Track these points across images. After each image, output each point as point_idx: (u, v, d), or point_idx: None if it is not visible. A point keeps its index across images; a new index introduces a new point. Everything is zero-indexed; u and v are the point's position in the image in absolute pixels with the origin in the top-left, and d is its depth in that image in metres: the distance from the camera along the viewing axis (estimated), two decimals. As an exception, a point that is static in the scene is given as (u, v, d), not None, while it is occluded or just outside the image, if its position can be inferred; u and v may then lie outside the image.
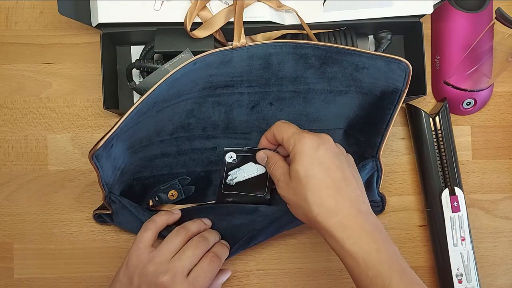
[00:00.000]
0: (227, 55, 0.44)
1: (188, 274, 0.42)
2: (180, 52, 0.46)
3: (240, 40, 0.44)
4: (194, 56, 0.47)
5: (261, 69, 0.46)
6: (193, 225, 0.46)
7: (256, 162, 0.48)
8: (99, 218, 0.50)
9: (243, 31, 0.44)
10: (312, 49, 0.45)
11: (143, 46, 0.51)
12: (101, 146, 0.40)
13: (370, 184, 0.50)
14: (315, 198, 0.39)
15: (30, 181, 0.52)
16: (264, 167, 0.48)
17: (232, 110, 0.48)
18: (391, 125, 0.47)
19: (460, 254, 0.50)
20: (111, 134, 0.40)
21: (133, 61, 0.52)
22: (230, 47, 0.44)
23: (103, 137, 0.40)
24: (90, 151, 0.40)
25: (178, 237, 0.44)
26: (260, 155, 0.47)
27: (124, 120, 0.41)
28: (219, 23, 0.46)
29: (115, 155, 0.44)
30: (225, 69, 0.45)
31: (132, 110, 0.41)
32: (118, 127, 0.41)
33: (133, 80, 0.50)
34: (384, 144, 0.48)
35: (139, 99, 0.42)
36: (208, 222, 0.49)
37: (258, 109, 0.49)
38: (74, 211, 0.52)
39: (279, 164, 0.44)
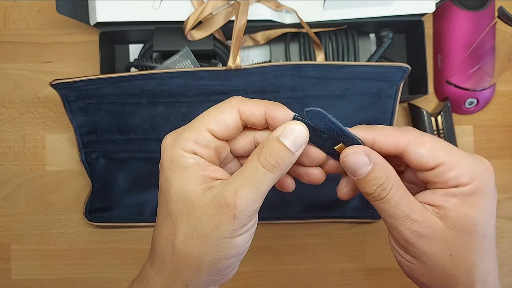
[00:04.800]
0: (221, 73, 0.44)
1: None
2: (179, 51, 0.46)
3: (235, 62, 0.43)
4: (193, 54, 0.46)
5: (257, 81, 0.46)
6: None
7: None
8: (93, 213, 0.50)
9: (239, 55, 0.44)
10: (312, 67, 0.45)
11: (142, 45, 0.50)
12: (65, 83, 0.44)
13: None
14: (484, 274, 0.27)
15: (28, 181, 0.52)
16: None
17: None
18: (395, 120, 0.47)
19: (462, 255, 0.49)
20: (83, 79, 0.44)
21: (131, 60, 0.52)
22: (224, 68, 0.44)
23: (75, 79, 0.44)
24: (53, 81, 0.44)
25: None
26: (357, 158, 0.27)
27: (96, 78, 0.44)
28: (218, 23, 0.46)
29: (97, 120, 0.47)
30: (219, 81, 0.45)
31: (110, 76, 0.44)
32: (90, 78, 0.43)
33: (132, 79, 0.50)
34: None
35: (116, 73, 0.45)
36: None
37: None
38: (72, 212, 0.52)
39: (404, 190, 0.27)
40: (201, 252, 0.26)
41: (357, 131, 0.28)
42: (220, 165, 0.29)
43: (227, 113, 0.27)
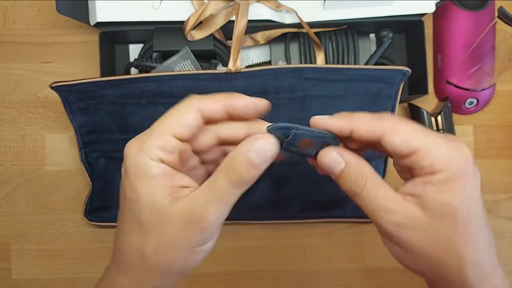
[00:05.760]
0: (221, 76, 0.44)
1: None
2: (179, 51, 0.46)
3: (236, 65, 0.43)
4: (193, 54, 0.46)
5: (258, 83, 0.46)
6: None
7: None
8: (92, 213, 0.50)
9: (239, 58, 0.44)
10: (312, 70, 0.45)
11: (142, 45, 0.50)
12: (66, 85, 0.44)
13: None
14: (473, 255, 0.26)
15: (27, 181, 0.52)
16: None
17: None
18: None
19: (462, 255, 0.49)
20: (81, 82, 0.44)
21: (131, 60, 0.52)
22: (224, 71, 0.44)
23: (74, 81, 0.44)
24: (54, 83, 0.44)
25: None
26: (330, 156, 0.29)
27: (96, 81, 0.44)
28: (218, 23, 0.46)
29: (97, 120, 0.47)
30: (220, 83, 0.45)
31: (109, 79, 0.44)
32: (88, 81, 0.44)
33: (131, 79, 0.50)
34: None
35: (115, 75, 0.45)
36: None
37: None
38: (72, 212, 0.52)
39: (379, 184, 0.27)
40: (171, 260, 0.27)
41: (335, 120, 0.29)
42: (186, 171, 0.29)
43: (189, 114, 0.27)
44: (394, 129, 0.27)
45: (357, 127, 0.28)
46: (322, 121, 0.29)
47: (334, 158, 0.28)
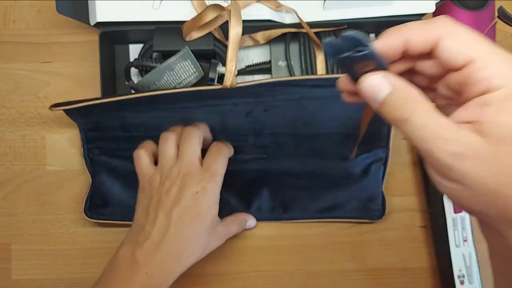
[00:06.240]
0: (218, 90, 0.44)
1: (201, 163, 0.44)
2: (179, 50, 0.46)
3: (231, 81, 0.43)
4: (193, 53, 0.46)
5: (253, 90, 0.46)
6: (175, 126, 0.47)
7: None
8: (92, 210, 0.50)
9: (235, 73, 0.43)
10: (309, 80, 0.45)
11: (142, 45, 0.50)
12: (65, 109, 0.45)
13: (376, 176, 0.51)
14: None
15: (28, 181, 0.52)
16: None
17: (226, 117, 0.49)
18: None
19: (462, 255, 0.49)
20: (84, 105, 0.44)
21: (131, 60, 0.52)
22: (220, 86, 0.43)
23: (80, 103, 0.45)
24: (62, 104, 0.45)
25: (169, 139, 0.44)
26: (371, 82, 0.25)
27: (99, 103, 0.44)
28: (216, 23, 0.46)
29: (98, 120, 0.48)
30: (217, 92, 0.46)
31: (115, 100, 0.45)
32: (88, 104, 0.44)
33: (131, 79, 0.50)
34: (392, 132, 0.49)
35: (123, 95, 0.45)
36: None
37: (253, 115, 0.49)
38: (72, 212, 0.52)
39: (431, 109, 0.24)
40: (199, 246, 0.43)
41: (385, 37, 0.25)
42: None
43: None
44: (451, 33, 0.24)
45: (410, 35, 0.25)
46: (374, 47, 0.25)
47: (378, 83, 0.25)
